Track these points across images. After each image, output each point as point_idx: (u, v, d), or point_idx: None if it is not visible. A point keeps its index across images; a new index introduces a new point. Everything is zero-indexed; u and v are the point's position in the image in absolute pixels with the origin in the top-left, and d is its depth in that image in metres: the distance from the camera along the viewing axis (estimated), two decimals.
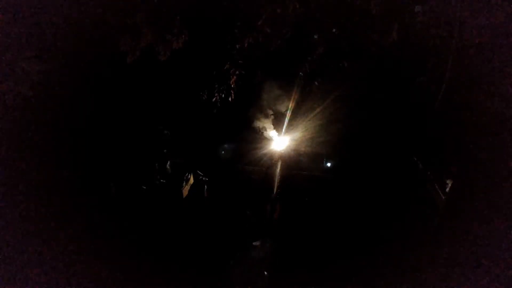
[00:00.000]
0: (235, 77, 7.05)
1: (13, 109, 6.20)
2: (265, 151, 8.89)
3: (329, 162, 8.82)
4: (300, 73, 7.57)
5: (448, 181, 6.49)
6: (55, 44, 6.19)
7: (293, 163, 8.87)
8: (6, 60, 6.03)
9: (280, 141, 8.88)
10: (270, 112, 8.81)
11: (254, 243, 7.54)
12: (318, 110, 8.20)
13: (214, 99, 7.74)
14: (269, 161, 8.95)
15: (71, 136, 6.88)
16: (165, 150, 8.39)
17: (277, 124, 8.87)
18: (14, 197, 6.15)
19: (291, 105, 8.42)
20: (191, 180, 8.40)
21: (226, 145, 9.02)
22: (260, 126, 8.95)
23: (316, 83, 6.93)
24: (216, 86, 7.64)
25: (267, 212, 8.14)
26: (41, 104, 6.45)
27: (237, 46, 6.74)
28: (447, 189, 6.46)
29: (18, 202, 6.17)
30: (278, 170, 8.79)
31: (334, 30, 6.14)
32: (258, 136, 8.96)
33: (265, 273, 7.06)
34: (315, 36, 6.40)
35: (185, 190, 8.24)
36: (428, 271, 5.79)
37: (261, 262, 7.21)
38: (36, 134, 6.46)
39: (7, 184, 6.13)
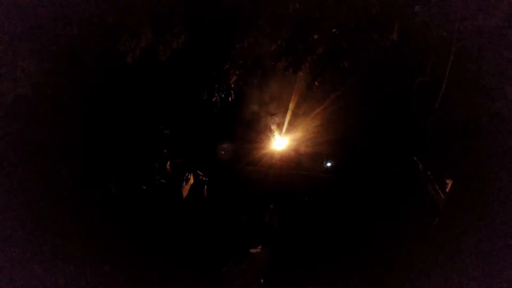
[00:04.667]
0: (235, 77, 7.03)
1: (13, 109, 6.21)
2: (265, 151, 8.89)
3: (329, 162, 8.83)
4: (300, 73, 7.56)
5: (448, 181, 6.48)
6: (55, 44, 6.20)
7: (293, 163, 8.87)
8: (6, 60, 6.03)
9: (280, 141, 8.88)
10: (270, 112, 8.81)
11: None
12: (318, 110, 8.21)
13: (214, 99, 7.74)
14: (269, 161, 8.95)
15: (71, 136, 6.89)
16: (165, 150, 8.39)
17: (277, 124, 8.88)
18: (14, 197, 6.15)
19: (291, 105, 8.42)
20: (191, 180, 8.40)
21: (226, 145, 9.02)
22: (260, 126, 8.94)
23: (316, 83, 6.92)
24: (216, 86, 7.63)
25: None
26: (41, 104, 6.46)
27: (237, 46, 6.73)
28: (447, 189, 6.45)
29: (18, 202, 6.17)
30: (278, 170, 8.79)
31: (334, 30, 6.13)
32: (258, 136, 8.96)
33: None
34: (315, 36, 6.39)
35: (185, 190, 8.24)
36: (428, 271, 5.80)
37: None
38: (36, 134, 6.46)
39: (6, 184, 6.14)
